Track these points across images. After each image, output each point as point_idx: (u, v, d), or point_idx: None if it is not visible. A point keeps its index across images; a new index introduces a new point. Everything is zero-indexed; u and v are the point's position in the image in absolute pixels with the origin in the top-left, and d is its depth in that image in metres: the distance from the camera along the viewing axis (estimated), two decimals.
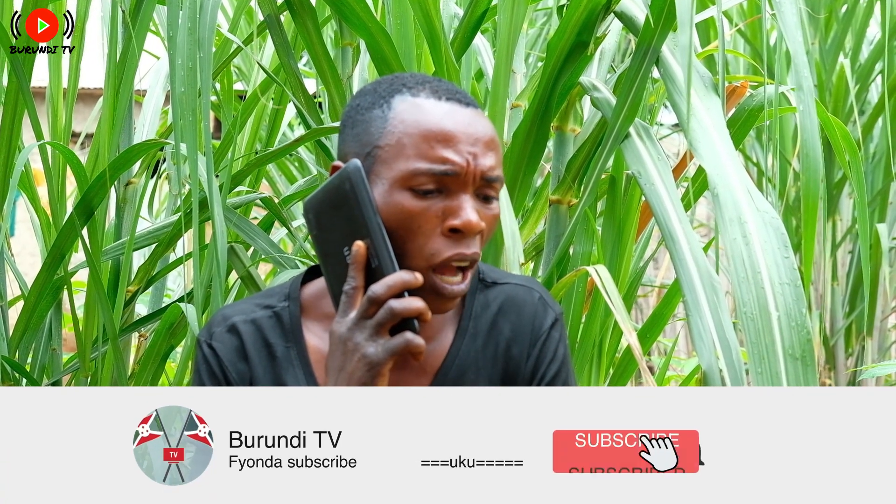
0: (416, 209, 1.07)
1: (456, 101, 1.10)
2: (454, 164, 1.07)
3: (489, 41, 2.24)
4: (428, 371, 1.18)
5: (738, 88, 1.83)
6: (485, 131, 1.09)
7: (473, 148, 1.08)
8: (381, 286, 1.04)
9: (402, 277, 1.05)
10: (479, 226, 1.07)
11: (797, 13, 1.43)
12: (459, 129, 1.08)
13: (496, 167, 1.09)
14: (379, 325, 1.04)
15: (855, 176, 1.78)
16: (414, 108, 1.09)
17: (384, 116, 1.09)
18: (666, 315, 1.79)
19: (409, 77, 1.13)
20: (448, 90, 1.11)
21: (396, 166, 1.07)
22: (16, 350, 1.90)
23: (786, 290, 1.23)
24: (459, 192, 1.07)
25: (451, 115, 1.08)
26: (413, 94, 1.10)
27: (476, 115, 1.10)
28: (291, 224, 2.02)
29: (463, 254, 1.08)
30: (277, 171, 2.75)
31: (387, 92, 1.11)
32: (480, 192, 1.09)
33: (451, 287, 1.08)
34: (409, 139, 1.07)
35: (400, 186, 1.07)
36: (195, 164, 1.48)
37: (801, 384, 1.19)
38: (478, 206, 1.09)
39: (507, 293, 1.22)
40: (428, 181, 1.07)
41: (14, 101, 1.76)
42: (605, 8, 1.56)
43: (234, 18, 2.19)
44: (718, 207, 1.31)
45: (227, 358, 1.16)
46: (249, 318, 1.19)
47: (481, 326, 1.20)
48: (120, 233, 2.01)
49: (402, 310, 1.04)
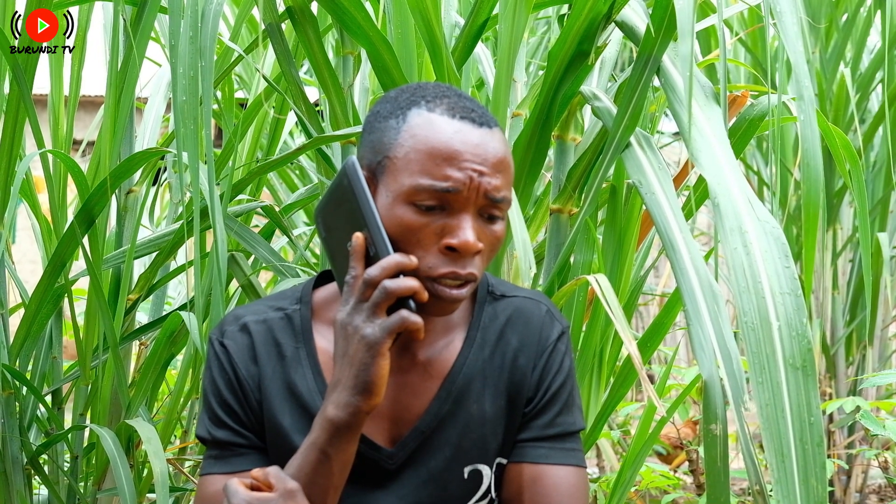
0: (415, 224, 1.08)
1: (469, 120, 1.10)
2: (456, 181, 1.07)
3: (490, 50, 2.24)
4: (436, 378, 1.19)
5: (739, 98, 1.83)
6: (494, 152, 1.10)
7: (479, 167, 1.08)
8: (376, 268, 1.05)
9: (396, 259, 1.06)
10: (475, 246, 1.08)
11: (797, 22, 1.43)
12: (466, 149, 1.08)
13: (502, 188, 1.10)
14: (375, 306, 1.05)
15: (856, 185, 1.78)
16: (426, 124, 1.10)
17: (398, 128, 1.10)
18: (666, 324, 1.78)
19: (432, 89, 1.14)
20: (465, 108, 1.12)
21: (402, 179, 1.08)
22: (16, 358, 1.90)
23: (786, 300, 1.23)
24: (461, 210, 1.08)
25: (461, 134, 1.09)
26: (429, 109, 1.11)
27: (488, 135, 1.11)
28: (292, 232, 2.02)
29: (457, 273, 1.08)
30: (279, 179, 2.75)
31: (406, 103, 1.12)
32: (484, 211, 1.10)
33: (450, 291, 1.09)
34: (416, 154, 1.09)
35: (403, 200, 1.08)
36: (196, 173, 1.49)
37: (802, 394, 1.18)
38: (480, 226, 1.10)
39: (515, 305, 1.23)
40: (429, 197, 1.08)
41: (15, 109, 1.76)
42: (606, 17, 1.56)
43: (235, 27, 2.19)
44: (719, 217, 1.31)
45: (237, 356, 1.19)
46: (261, 318, 1.21)
47: (489, 337, 1.21)
48: (121, 241, 2.01)
49: (396, 288, 1.05)
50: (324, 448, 1.08)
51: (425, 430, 1.18)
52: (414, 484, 1.18)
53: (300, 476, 1.09)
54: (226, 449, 1.18)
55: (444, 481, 1.18)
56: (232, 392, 1.18)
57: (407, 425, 1.19)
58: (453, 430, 1.18)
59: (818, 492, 1.14)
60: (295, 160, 2.39)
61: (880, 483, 3.83)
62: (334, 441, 1.08)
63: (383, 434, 1.19)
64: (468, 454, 1.19)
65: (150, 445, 1.74)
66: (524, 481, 1.19)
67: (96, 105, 2.71)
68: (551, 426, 1.20)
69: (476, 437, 1.19)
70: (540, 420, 1.20)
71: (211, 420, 1.19)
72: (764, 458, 1.33)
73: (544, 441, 1.19)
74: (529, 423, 1.20)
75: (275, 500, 1.05)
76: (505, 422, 1.20)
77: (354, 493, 1.17)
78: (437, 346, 1.20)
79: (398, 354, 1.19)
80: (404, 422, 1.19)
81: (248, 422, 1.18)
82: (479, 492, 1.20)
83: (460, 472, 1.19)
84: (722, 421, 1.28)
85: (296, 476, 1.09)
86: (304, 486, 1.08)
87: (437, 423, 1.18)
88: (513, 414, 1.20)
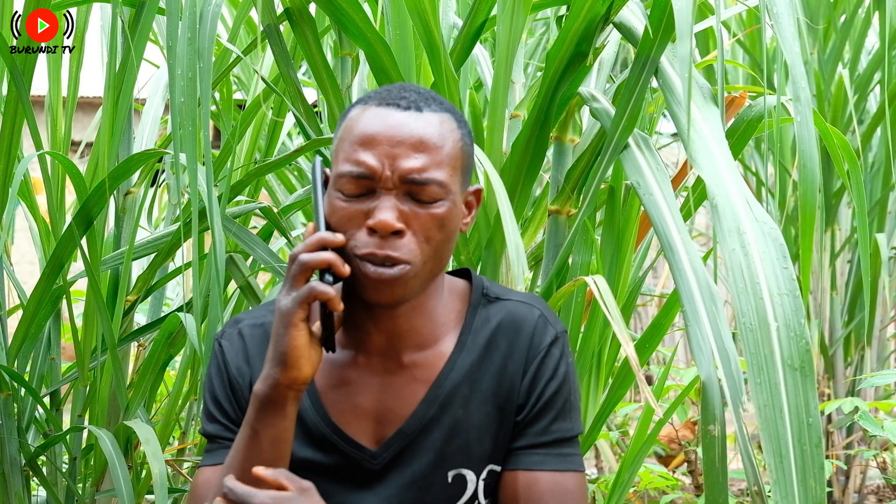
0: (343, 210, 1.11)
1: (395, 106, 1.12)
2: (367, 166, 1.09)
3: (488, 51, 2.24)
4: (422, 381, 1.19)
5: (737, 99, 1.83)
6: (412, 133, 1.10)
7: (394, 150, 1.09)
8: (301, 245, 1.08)
9: (319, 235, 1.09)
10: (391, 225, 1.08)
11: (794, 24, 1.43)
12: (381, 132, 1.10)
13: (425, 169, 1.10)
14: (292, 278, 1.08)
15: (854, 185, 1.78)
16: (357, 115, 1.13)
17: (342, 124, 1.15)
18: (665, 325, 1.78)
19: (391, 87, 1.16)
20: (397, 96, 1.13)
21: (335, 169, 1.13)
22: (14, 359, 1.90)
23: (784, 301, 1.23)
24: (381, 194, 1.10)
25: (380, 119, 1.11)
26: (364, 103, 1.14)
27: (411, 118, 1.11)
28: (291, 234, 2.01)
29: (375, 253, 1.09)
30: (277, 180, 2.75)
31: (360, 100, 1.16)
32: (412, 194, 1.10)
33: (373, 268, 1.09)
34: (341, 144, 1.13)
35: (334, 188, 1.12)
36: (194, 174, 1.49)
37: (800, 394, 1.18)
38: (408, 208, 1.10)
39: (507, 309, 1.22)
40: (349, 184, 1.10)
41: (13, 110, 1.76)
42: (604, 18, 1.56)
43: (233, 28, 2.19)
44: (717, 218, 1.31)
45: (230, 355, 1.22)
46: (258, 322, 1.24)
47: (478, 341, 1.20)
48: (119, 242, 2.01)
49: (309, 260, 1.07)
50: (252, 424, 1.11)
51: (410, 433, 1.18)
52: (398, 486, 1.18)
53: (236, 454, 1.12)
54: (214, 442, 1.21)
55: (427, 484, 1.18)
56: (223, 388, 1.21)
57: (392, 427, 1.19)
58: (438, 434, 1.18)
59: (816, 492, 1.14)
60: (293, 162, 2.39)
61: (879, 484, 3.83)
62: (260, 416, 1.10)
63: (368, 435, 1.19)
64: (452, 459, 1.18)
65: (149, 447, 1.74)
66: (519, 488, 1.18)
67: (94, 106, 2.70)
68: (546, 433, 1.19)
69: (461, 443, 1.18)
70: (534, 427, 1.19)
71: (205, 415, 1.22)
72: (762, 458, 1.33)
73: (539, 448, 1.19)
74: (524, 430, 1.19)
75: (294, 498, 1.06)
76: (494, 429, 1.19)
77: (338, 492, 1.17)
78: (425, 350, 1.20)
79: (384, 356, 1.19)
80: (389, 423, 1.19)
81: (237, 417, 1.20)
82: (464, 497, 1.19)
83: (444, 477, 1.18)
84: (720, 422, 1.28)
85: (233, 455, 1.12)
86: (238, 463, 1.11)
87: (423, 427, 1.18)
88: (503, 421, 1.19)
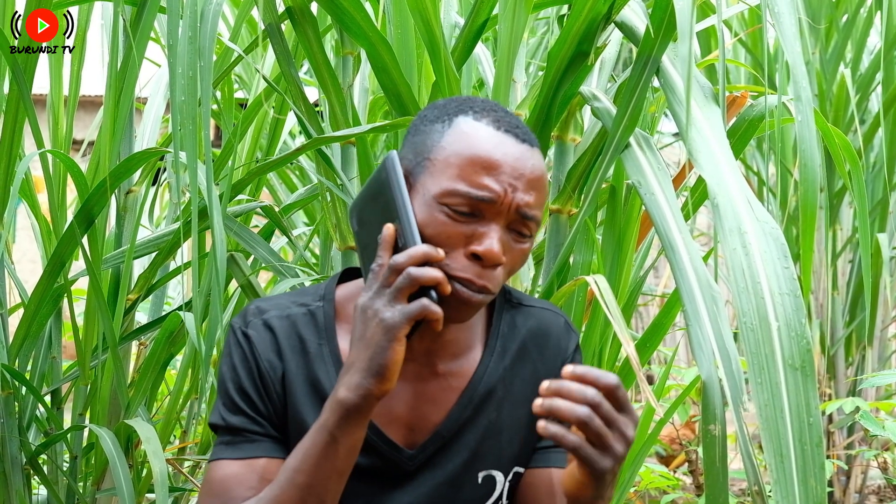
0: (446, 227, 1.09)
1: (513, 135, 1.12)
2: (492, 192, 1.08)
3: (490, 50, 2.24)
4: (455, 389, 1.21)
5: (739, 98, 1.83)
6: (532, 169, 1.11)
7: (515, 182, 1.09)
8: (403, 255, 1.05)
9: (423, 249, 1.06)
10: (499, 257, 1.09)
11: (796, 23, 1.43)
12: (506, 161, 1.09)
13: (535, 207, 1.11)
14: (397, 291, 1.05)
15: (855, 185, 1.78)
16: (471, 131, 1.11)
17: (442, 132, 1.12)
18: (666, 324, 1.78)
19: (480, 102, 1.15)
20: (510, 123, 1.13)
21: (439, 182, 1.09)
22: (15, 358, 1.90)
23: (785, 301, 1.23)
24: (492, 221, 1.09)
25: (503, 146, 1.10)
26: (475, 118, 1.12)
27: (528, 153, 1.12)
28: (292, 233, 2.01)
29: (473, 281, 1.09)
30: (278, 179, 2.75)
31: (454, 110, 1.14)
32: (514, 226, 1.11)
33: (468, 292, 1.09)
34: (456, 158, 1.10)
35: (438, 201, 1.09)
36: (195, 173, 1.48)
37: (801, 394, 1.18)
38: (507, 240, 1.10)
39: (536, 316, 1.26)
40: (464, 203, 1.08)
41: (15, 109, 1.76)
42: (605, 18, 1.56)
43: (235, 27, 2.19)
44: (718, 217, 1.31)
45: (260, 347, 1.18)
46: (284, 313, 1.20)
47: (510, 346, 1.23)
48: (120, 241, 2.01)
49: (420, 275, 1.04)
50: (332, 430, 1.07)
51: (446, 435, 1.20)
52: (430, 485, 1.19)
53: (306, 459, 1.08)
54: (238, 435, 1.17)
55: (458, 485, 1.20)
56: (251, 380, 1.17)
57: (425, 433, 1.20)
58: (472, 436, 1.20)
59: (817, 492, 1.14)
60: (294, 160, 2.39)
61: (879, 484, 3.83)
62: (343, 424, 1.06)
63: (401, 440, 1.20)
64: (484, 460, 1.20)
65: (150, 445, 1.74)
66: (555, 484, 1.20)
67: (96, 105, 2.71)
68: None
69: (493, 444, 1.21)
70: None
71: (226, 406, 1.18)
72: (763, 458, 1.33)
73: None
74: None
75: None
76: (524, 432, 1.22)
77: (372, 491, 1.18)
78: (458, 360, 1.21)
79: (420, 364, 1.20)
80: (421, 429, 1.20)
81: (266, 411, 1.17)
82: (492, 498, 1.21)
83: (475, 477, 1.20)
84: (721, 421, 1.28)
85: (302, 459, 1.08)
86: (310, 469, 1.07)
87: (458, 429, 1.20)
88: (531, 425, 1.20)
